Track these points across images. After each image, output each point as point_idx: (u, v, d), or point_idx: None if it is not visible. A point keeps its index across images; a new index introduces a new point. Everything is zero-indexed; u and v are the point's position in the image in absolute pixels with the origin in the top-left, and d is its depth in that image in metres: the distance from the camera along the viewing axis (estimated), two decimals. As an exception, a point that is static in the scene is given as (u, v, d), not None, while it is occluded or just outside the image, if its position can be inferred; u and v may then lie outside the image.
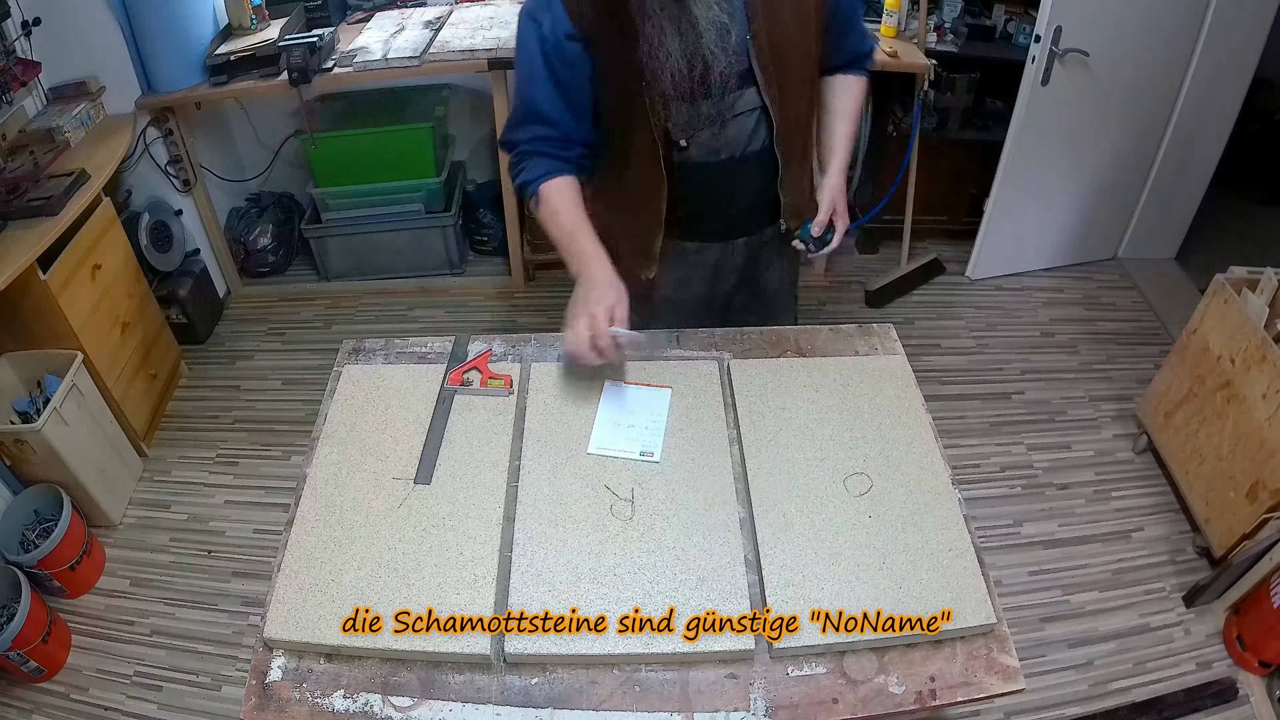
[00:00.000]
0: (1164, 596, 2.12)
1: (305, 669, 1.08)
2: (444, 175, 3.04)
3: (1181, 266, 3.21)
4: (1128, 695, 1.93)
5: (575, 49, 1.32)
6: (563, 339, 1.32)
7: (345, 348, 1.53)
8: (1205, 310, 2.18)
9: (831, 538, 1.18)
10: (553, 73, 1.34)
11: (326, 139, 2.90)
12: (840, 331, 1.53)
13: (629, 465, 1.28)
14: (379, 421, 1.36)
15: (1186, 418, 2.23)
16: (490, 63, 2.61)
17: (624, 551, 1.16)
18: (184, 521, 2.39)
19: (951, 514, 1.21)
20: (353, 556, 1.16)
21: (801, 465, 1.27)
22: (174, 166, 2.85)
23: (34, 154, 2.36)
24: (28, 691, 2.00)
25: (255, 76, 2.66)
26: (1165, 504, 2.35)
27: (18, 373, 2.29)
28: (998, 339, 2.91)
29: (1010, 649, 1.09)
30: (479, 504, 1.22)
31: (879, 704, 1.04)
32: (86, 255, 2.34)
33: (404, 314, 3.11)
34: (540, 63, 1.33)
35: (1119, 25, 2.57)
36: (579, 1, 1.29)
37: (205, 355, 2.97)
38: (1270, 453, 1.90)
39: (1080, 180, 2.96)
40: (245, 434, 2.66)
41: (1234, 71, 2.76)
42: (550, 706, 1.04)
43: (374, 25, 2.87)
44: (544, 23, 1.31)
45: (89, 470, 2.24)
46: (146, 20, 2.53)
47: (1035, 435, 2.56)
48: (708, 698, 1.05)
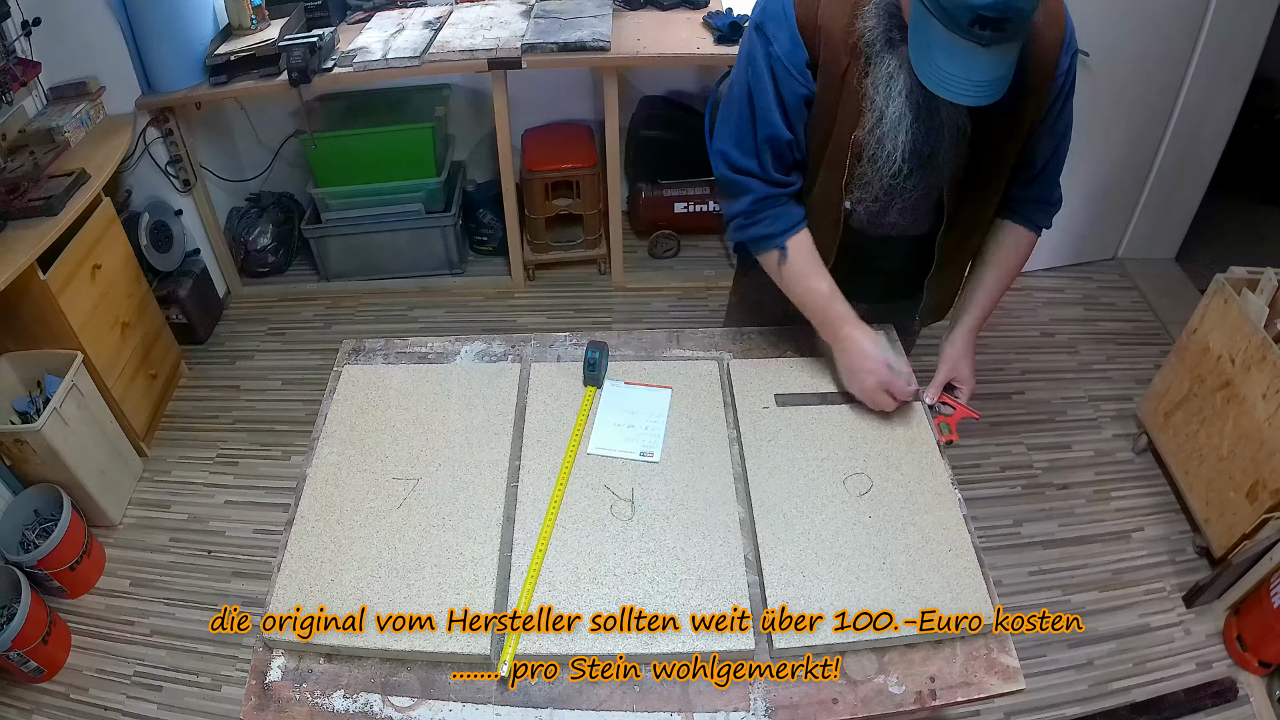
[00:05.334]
0: (1164, 596, 2.12)
1: (305, 669, 1.08)
2: (444, 175, 3.04)
3: (1181, 266, 3.21)
4: (1128, 695, 1.93)
5: (807, 77, 1.22)
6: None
7: (345, 348, 1.53)
8: (1205, 310, 2.18)
9: (832, 538, 1.18)
10: (779, 96, 1.23)
11: (326, 139, 2.90)
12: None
13: (629, 465, 1.28)
14: (378, 421, 1.36)
15: (1186, 418, 2.23)
16: (490, 63, 2.61)
17: (624, 552, 1.16)
18: (184, 521, 2.39)
19: (951, 514, 1.21)
20: (353, 556, 1.16)
21: (801, 465, 1.27)
22: (174, 166, 2.85)
23: (34, 154, 2.36)
24: (28, 691, 2.00)
25: (255, 76, 2.66)
26: (1165, 504, 2.35)
27: (18, 373, 2.29)
28: (998, 339, 2.91)
29: (1010, 649, 1.10)
30: (479, 504, 1.22)
31: (879, 704, 1.04)
32: (86, 255, 2.34)
33: (404, 314, 3.11)
34: (769, 84, 1.23)
35: (1119, 25, 2.57)
36: (815, 31, 1.18)
37: (205, 355, 2.97)
38: (1270, 453, 1.90)
39: (1080, 180, 2.95)
40: (245, 434, 2.66)
41: (1234, 71, 2.75)
42: (550, 706, 1.04)
43: (374, 25, 2.86)
44: (777, 40, 1.21)
45: (89, 470, 2.24)
46: (146, 20, 2.53)
47: (1035, 435, 2.56)
48: (708, 698, 1.05)
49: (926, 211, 1.34)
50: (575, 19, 2.75)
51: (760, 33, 1.23)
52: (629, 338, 1.55)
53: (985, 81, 1.02)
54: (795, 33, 1.20)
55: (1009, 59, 1.02)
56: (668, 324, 2.98)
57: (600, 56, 2.60)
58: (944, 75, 1.03)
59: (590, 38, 2.60)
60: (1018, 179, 1.34)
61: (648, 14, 2.88)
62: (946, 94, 1.04)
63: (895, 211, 1.33)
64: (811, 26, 1.19)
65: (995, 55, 0.99)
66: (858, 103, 1.19)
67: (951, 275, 1.45)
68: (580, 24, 2.71)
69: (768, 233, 1.34)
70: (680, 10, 2.88)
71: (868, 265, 1.43)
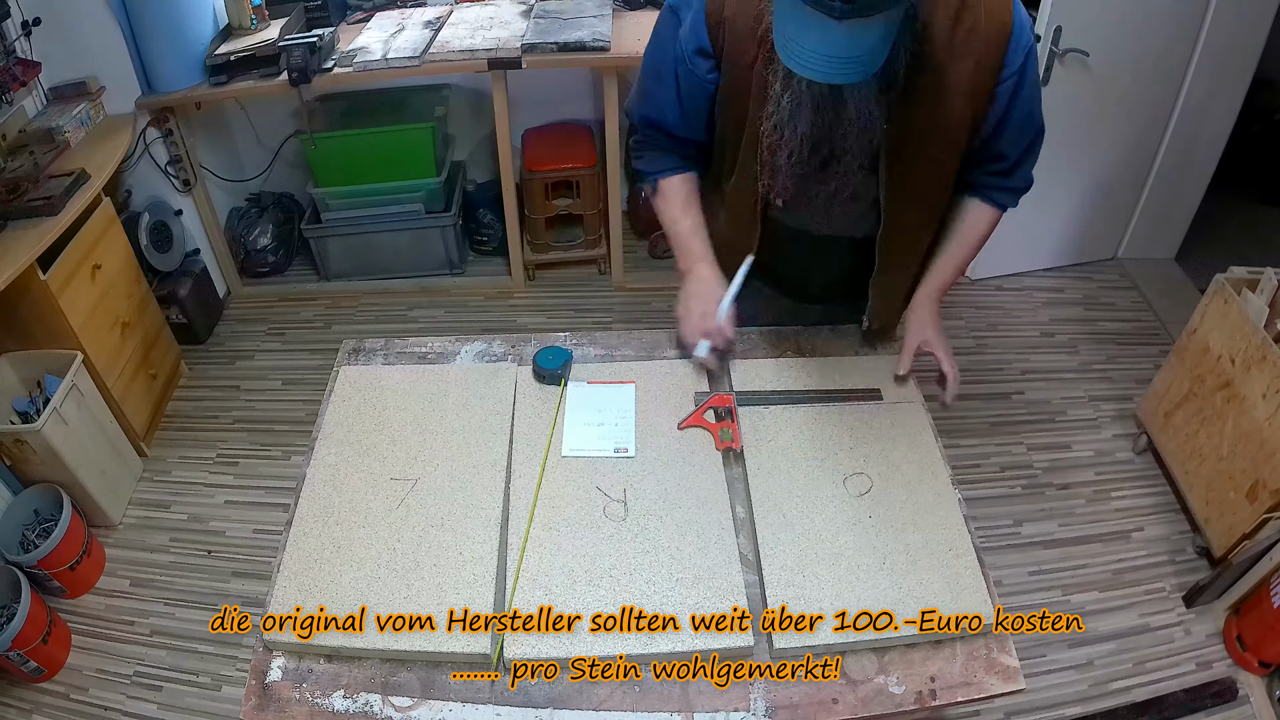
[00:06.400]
0: (1164, 596, 2.12)
1: (305, 669, 1.08)
2: (444, 175, 3.04)
3: (1181, 266, 3.21)
4: (1128, 695, 1.93)
5: (704, 66, 1.25)
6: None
7: (345, 348, 1.53)
8: (1205, 310, 2.17)
9: (832, 538, 1.18)
10: (677, 79, 1.29)
11: (326, 139, 2.90)
12: (840, 331, 1.53)
13: (619, 467, 1.28)
14: (377, 422, 1.36)
15: (1186, 418, 2.23)
16: (490, 63, 2.61)
17: (619, 553, 1.16)
18: (184, 521, 2.39)
19: (951, 514, 1.21)
20: (352, 557, 1.16)
21: (801, 465, 1.27)
22: (174, 166, 2.85)
23: (34, 154, 2.36)
24: (28, 691, 2.00)
25: (255, 76, 2.66)
26: (1165, 504, 2.35)
27: (18, 373, 2.29)
28: (998, 339, 2.91)
29: (1010, 649, 1.10)
30: (477, 504, 1.22)
31: (879, 704, 1.04)
32: (86, 255, 2.34)
33: (404, 314, 3.11)
34: (670, 63, 1.28)
35: (1119, 25, 2.57)
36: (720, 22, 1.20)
37: (205, 355, 2.97)
38: (1270, 453, 1.90)
39: (1080, 180, 2.96)
40: (245, 434, 2.66)
41: (1234, 71, 2.75)
42: (550, 706, 1.04)
43: (374, 25, 2.86)
44: (683, 21, 1.24)
45: (89, 470, 2.24)
46: (146, 20, 2.53)
47: (1035, 435, 2.56)
48: (708, 698, 1.05)
49: (864, 212, 1.33)
50: (575, 19, 2.75)
51: (673, 13, 1.27)
52: (629, 338, 1.55)
53: (838, 58, 0.98)
54: (701, 19, 1.22)
55: (868, 38, 0.98)
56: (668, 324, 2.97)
57: (600, 56, 2.60)
58: (795, 47, 1.00)
59: (590, 38, 2.61)
60: (987, 169, 1.34)
61: (648, 14, 2.87)
62: (796, 67, 1.02)
63: (818, 208, 1.32)
64: (718, 16, 1.21)
65: (849, 31, 0.96)
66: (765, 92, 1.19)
67: (898, 280, 1.43)
68: (580, 24, 2.71)
69: (644, 169, 1.46)
70: (680, 10, 2.88)
71: (807, 263, 1.46)
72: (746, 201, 1.34)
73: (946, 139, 1.24)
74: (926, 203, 1.33)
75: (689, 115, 1.34)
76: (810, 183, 1.26)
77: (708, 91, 1.29)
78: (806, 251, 1.42)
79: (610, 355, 1.50)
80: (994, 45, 1.17)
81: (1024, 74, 1.22)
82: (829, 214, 1.34)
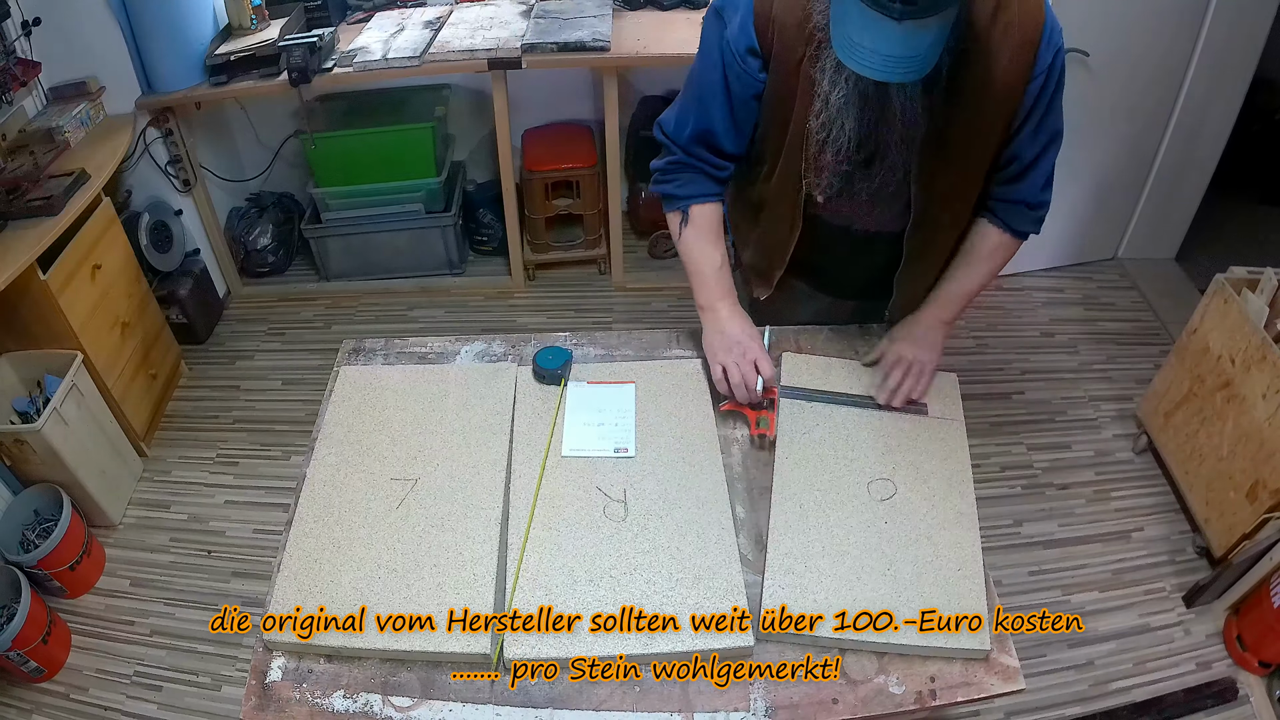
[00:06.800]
0: (1164, 596, 2.12)
1: (305, 669, 1.08)
2: (444, 175, 3.04)
3: (1181, 266, 3.21)
4: (1128, 695, 1.92)
5: (755, 65, 1.25)
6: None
7: (345, 348, 1.53)
8: (1205, 310, 2.17)
9: (843, 535, 1.18)
10: (726, 83, 1.27)
11: (326, 139, 2.90)
12: (840, 331, 1.53)
13: (619, 467, 1.28)
14: (376, 422, 1.36)
15: (1186, 418, 2.23)
16: (490, 63, 2.61)
17: (619, 553, 1.16)
18: (184, 521, 2.39)
19: (969, 536, 1.20)
20: (352, 557, 1.16)
21: (830, 462, 1.28)
22: (174, 166, 2.85)
23: (34, 154, 2.36)
24: (28, 691, 2.00)
25: (255, 76, 2.66)
26: (1165, 504, 2.35)
27: (18, 373, 2.29)
28: (998, 339, 2.91)
29: (1010, 649, 1.10)
30: (477, 504, 1.22)
31: (879, 704, 1.04)
32: (86, 255, 2.34)
33: (404, 314, 3.11)
34: (719, 70, 1.27)
35: (1119, 25, 2.56)
36: (769, 21, 1.20)
37: (205, 355, 2.97)
38: (1270, 453, 1.90)
39: (1080, 180, 2.95)
40: (245, 434, 2.66)
41: (1234, 71, 2.75)
42: (550, 706, 1.04)
43: (374, 25, 2.86)
44: (729, 23, 1.24)
45: (89, 470, 2.24)
46: (146, 20, 2.53)
47: (1035, 435, 2.56)
48: (708, 698, 1.05)
49: (899, 209, 1.34)
50: (575, 19, 2.75)
51: (719, 16, 1.26)
52: (629, 338, 1.55)
53: (897, 57, 1.00)
54: (749, 19, 1.22)
55: (925, 38, 0.99)
56: (668, 324, 2.98)
57: (600, 56, 2.60)
58: (855, 47, 1.02)
59: (590, 38, 2.61)
60: (1000, 176, 1.34)
61: (648, 14, 2.88)
62: (855, 66, 1.03)
63: (861, 205, 1.32)
64: (765, 16, 1.21)
65: (908, 31, 0.97)
66: (812, 90, 1.20)
67: (921, 274, 1.43)
68: (580, 24, 2.71)
69: (676, 194, 1.40)
70: (680, 10, 2.88)
71: (845, 260, 1.45)
72: (789, 200, 1.34)
73: (980, 136, 1.25)
74: (956, 200, 1.34)
75: (740, 123, 1.32)
76: (854, 179, 1.27)
77: (757, 91, 1.28)
78: (846, 248, 1.43)
79: (610, 355, 1.50)
80: (1028, 43, 1.18)
81: (1051, 73, 1.23)
82: (871, 210, 1.34)
